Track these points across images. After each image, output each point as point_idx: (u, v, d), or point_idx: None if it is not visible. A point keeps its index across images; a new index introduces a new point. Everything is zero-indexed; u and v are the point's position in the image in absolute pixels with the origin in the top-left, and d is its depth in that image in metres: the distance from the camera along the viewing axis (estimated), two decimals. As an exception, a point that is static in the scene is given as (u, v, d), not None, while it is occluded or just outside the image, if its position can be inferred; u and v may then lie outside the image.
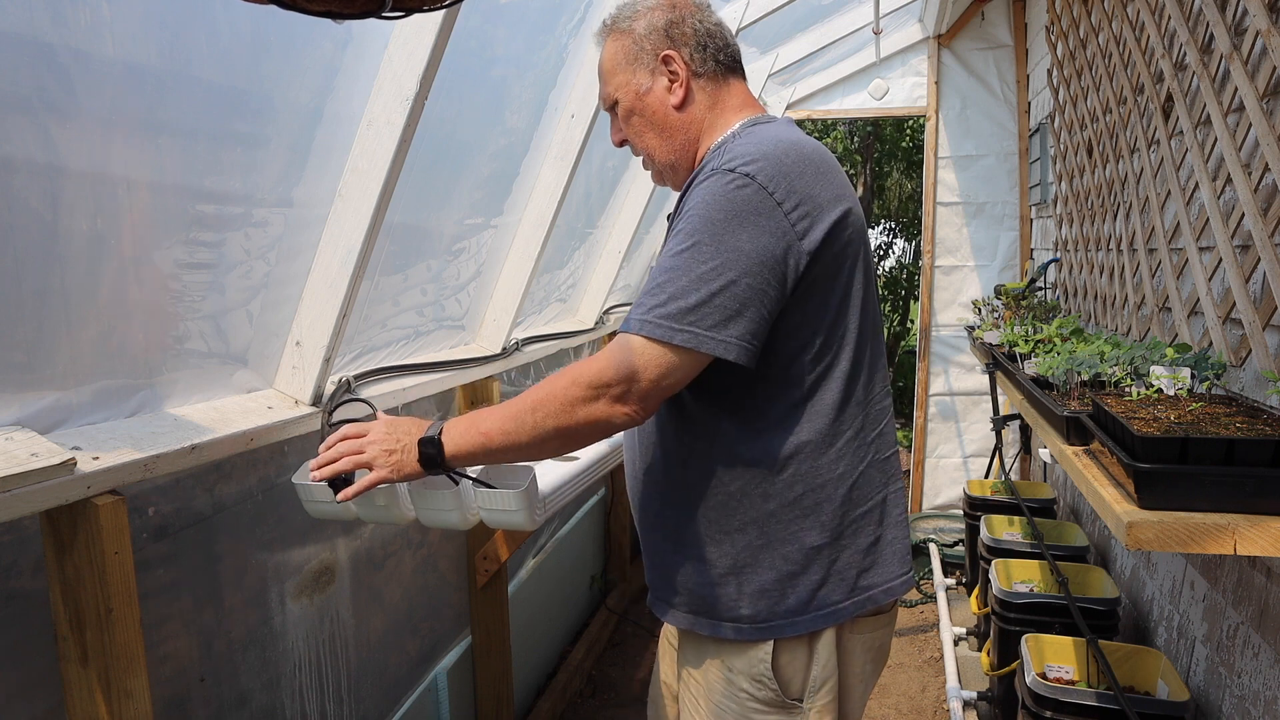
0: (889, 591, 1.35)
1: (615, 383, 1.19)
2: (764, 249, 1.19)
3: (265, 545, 1.71)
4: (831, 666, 1.34)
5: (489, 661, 2.53)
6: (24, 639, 1.21)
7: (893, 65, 4.63)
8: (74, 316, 1.20)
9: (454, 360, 2.27)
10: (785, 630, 1.31)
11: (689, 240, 1.20)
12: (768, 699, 1.33)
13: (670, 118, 1.37)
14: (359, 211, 1.59)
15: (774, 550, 1.30)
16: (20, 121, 1.06)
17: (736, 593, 1.32)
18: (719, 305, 1.17)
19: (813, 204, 1.23)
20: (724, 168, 1.22)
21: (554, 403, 1.22)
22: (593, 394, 1.20)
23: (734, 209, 1.19)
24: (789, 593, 1.30)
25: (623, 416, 1.20)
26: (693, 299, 1.18)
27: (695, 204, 1.23)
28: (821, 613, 1.31)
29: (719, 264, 1.18)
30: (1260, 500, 1.23)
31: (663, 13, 1.36)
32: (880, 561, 1.35)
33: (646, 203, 3.38)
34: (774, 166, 1.22)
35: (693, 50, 1.35)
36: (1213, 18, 1.88)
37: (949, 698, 2.85)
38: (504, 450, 1.27)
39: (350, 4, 0.72)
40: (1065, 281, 3.47)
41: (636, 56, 1.36)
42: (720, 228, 1.19)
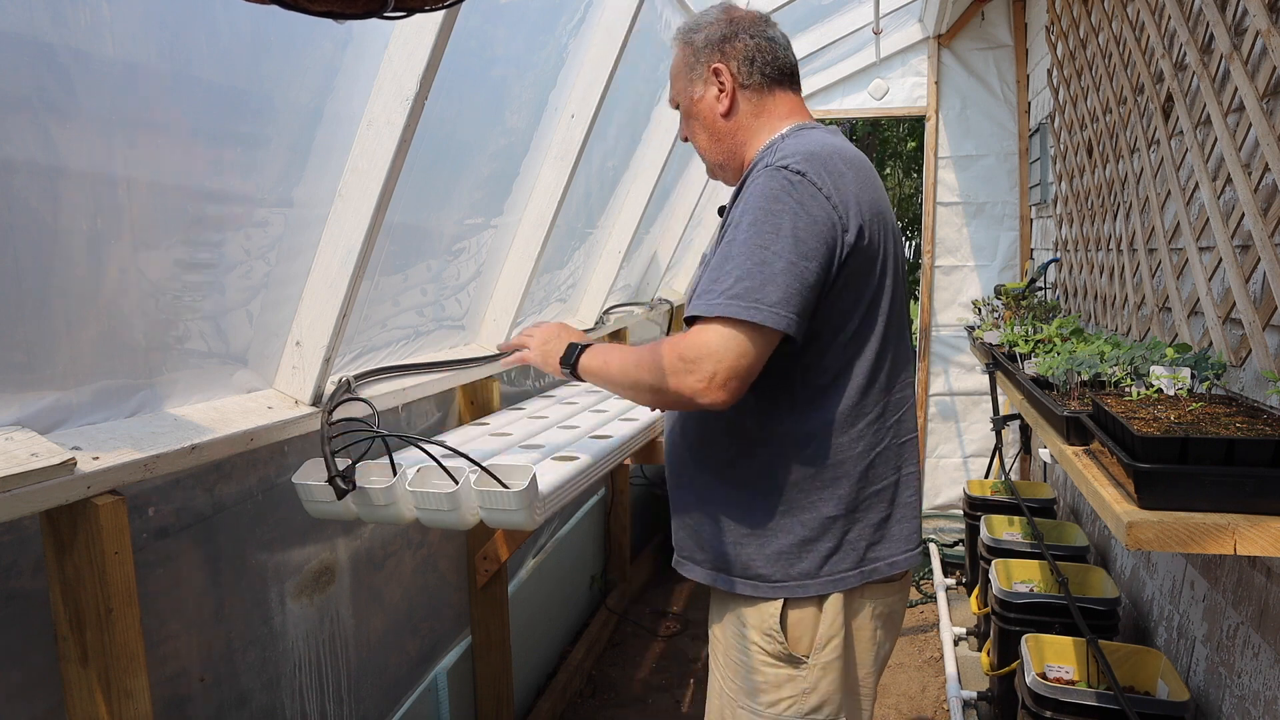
0: (894, 565, 1.48)
1: (700, 362, 1.30)
2: (814, 236, 1.32)
3: (265, 545, 1.71)
4: (837, 627, 1.46)
5: (489, 661, 2.53)
6: (24, 639, 1.22)
7: (893, 65, 4.63)
8: (74, 316, 1.20)
9: (454, 360, 2.27)
10: (795, 591, 1.44)
11: (749, 230, 1.33)
12: (776, 652, 1.47)
13: (718, 124, 1.53)
14: (359, 211, 1.59)
15: (793, 517, 1.44)
16: (20, 121, 1.06)
17: (756, 553, 1.45)
18: (779, 284, 1.29)
19: (853, 201, 1.36)
20: (777, 164, 1.36)
21: (654, 365, 1.36)
22: (681, 367, 1.32)
23: (786, 200, 1.32)
24: (803, 557, 1.44)
25: (708, 399, 1.31)
26: (757, 279, 1.29)
27: (751, 197, 1.36)
28: (831, 578, 1.44)
29: (776, 250, 1.30)
30: (1260, 500, 1.23)
31: (720, 28, 1.51)
32: (889, 537, 1.48)
33: (646, 203, 3.38)
34: (821, 164, 1.35)
35: (740, 64, 1.50)
36: (1213, 18, 1.88)
37: (949, 698, 2.85)
38: (613, 383, 1.48)
39: (352, 4, 0.72)
40: (1065, 281, 3.47)
41: (693, 66, 1.53)
42: (775, 217, 1.32)
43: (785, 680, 1.47)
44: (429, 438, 1.81)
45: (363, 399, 1.78)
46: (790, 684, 1.47)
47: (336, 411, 1.70)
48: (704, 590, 1.61)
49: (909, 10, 4.37)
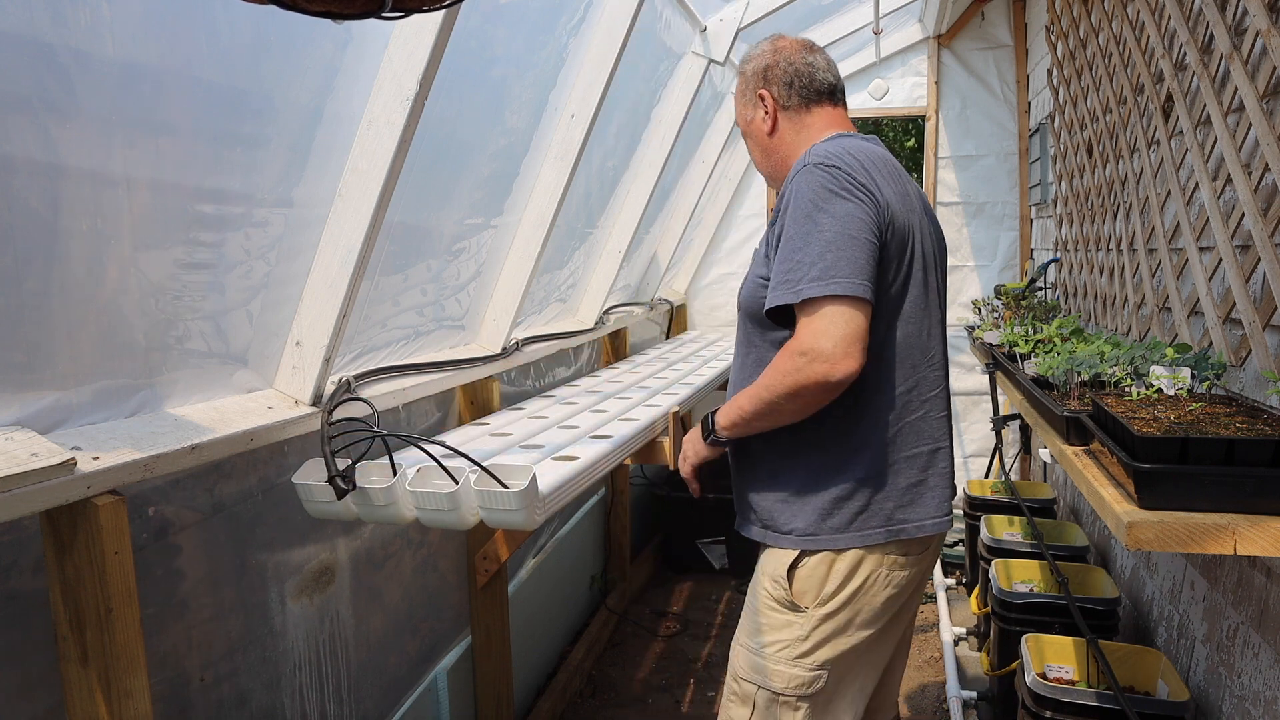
0: (920, 528, 1.63)
1: (814, 346, 1.46)
2: (861, 215, 1.49)
3: (265, 545, 1.71)
4: (842, 584, 1.61)
5: (489, 661, 2.53)
6: (24, 639, 1.22)
7: (893, 65, 4.63)
8: (74, 316, 1.20)
9: (454, 360, 2.27)
10: (822, 544, 1.61)
11: (804, 221, 1.50)
12: (780, 597, 1.64)
13: (766, 141, 1.77)
14: (359, 211, 1.59)
15: (832, 478, 1.61)
16: (20, 121, 1.06)
17: (799, 509, 1.63)
18: (848, 259, 1.46)
19: (880, 191, 1.53)
20: (811, 163, 1.54)
21: (777, 375, 1.52)
22: (802, 362, 1.48)
23: (828, 190, 1.50)
24: (835, 513, 1.61)
25: (839, 372, 1.45)
26: (829, 259, 1.46)
27: (795, 194, 1.53)
28: (860, 534, 1.60)
29: (831, 232, 1.47)
30: (1260, 500, 1.22)
31: (765, 58, 1.74)
32: (918, 501, 1.63)
33: (646, 203, 3.38)
34: (851, 159, 1.54)
35: (780, 88, 1.72)
36: (1213, 18, 1.88)
37: (949, 698, 2.85)
38: (756, 417, 1.60)
39: (350, 4, 0.72)
40: (1065, 281, 3.47)
41: (745, 93, 1.77)
42: (823, 205, 1.49)
43: (783, 625, 1.63)
44: (429, 438, 1.81)
45: (363, 399, 1.78)
46: (787, 629, 1.63)
47: (336, 411, 1.70)
48: (703, 590, 1.69)
49: (909, 10, 4.37)
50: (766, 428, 1.62)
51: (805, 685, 1.62)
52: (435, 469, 1.63)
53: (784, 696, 1.62)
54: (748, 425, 1.63)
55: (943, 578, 3.85)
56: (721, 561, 4.39)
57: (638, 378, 3.06)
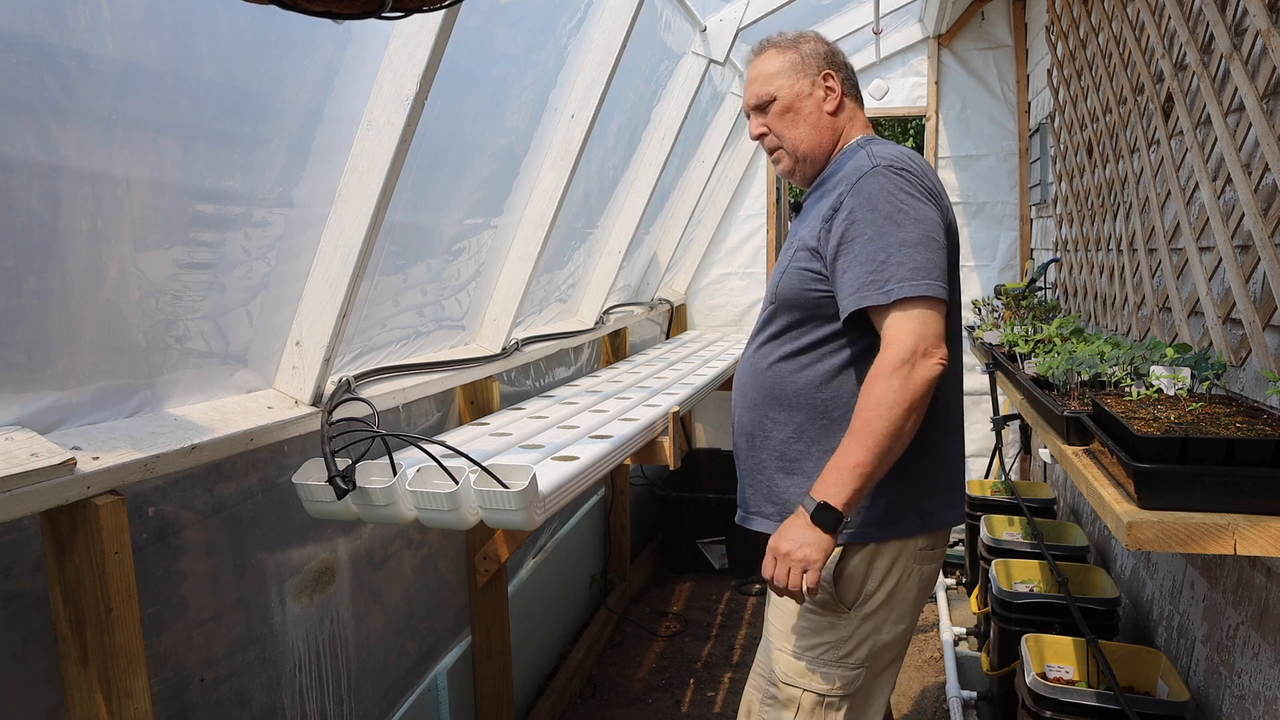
0: (943, 521, 1.67)
1: (914, 350, 1.46)
2: (934, 219, 1.54)
3: (265, 545, 1.71)
4: (881, 581, 1.62)
5: (489, 661, 2.53)
6: (24, 639, 1.21)
7: (893, 65, 4.63)
8: (74, 316, 1.20)
9: (454, 360, 2.27)
10: (858, 537, 1.60)
11: (884, 222, 1.52)
12: (822, 601, 1.63)
13: (824, 119, 1.74)
14: (359, 211, 1.59)
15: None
16: (20, 121, 1.06)
17: None
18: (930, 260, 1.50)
19: (942, 195, 1.62)
20: (883, 166, 1.57)
21: (887, 396, 1.46)
22: (907, 367, 1.46)
23: (905, 193, 1.54)
24: (873, 504, 1.60)
25: (936, 366, 1.47)
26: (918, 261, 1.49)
27: (869, 195, 1.54)
28: (892, 527, 1.61)
29: (915, 233, 1.51)
30: (1260, 500, 1.22)
31: (822, 44, 1.77)
32: (943, 494, 1.66)
33: (646, 203, 3.38)
34: (914, 165, 1.60)
35: (844, 77, 1.76)
36: (1213, 18, 1.88)
37: (949, 698, 2.85)
38: (880, 464, 1.48)
39: (350, 4, 0.72)
40: (1065, 281, 3.47)
41: (802, 69, 1.73)
42: (903, 207, 1.53)
43: (826, 627, 1.63)
44: (429, 437, 1.81)
45: (363, 399, 1.78)
46: (829, 630, 1.63)
47: (336, 411, 1.70)
48: (703, 590, 1.68)
49: (909, 10, 4.37)
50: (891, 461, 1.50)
51: (849, 685, 1.64)
52: (435, 469, 1.63)
53: (829, 698, 1.64)
54: (870, 480, 1.48)
55: (943, 578, 3.85)
56: (721, 561, 4.39)
57: (638, 378, 3.06)
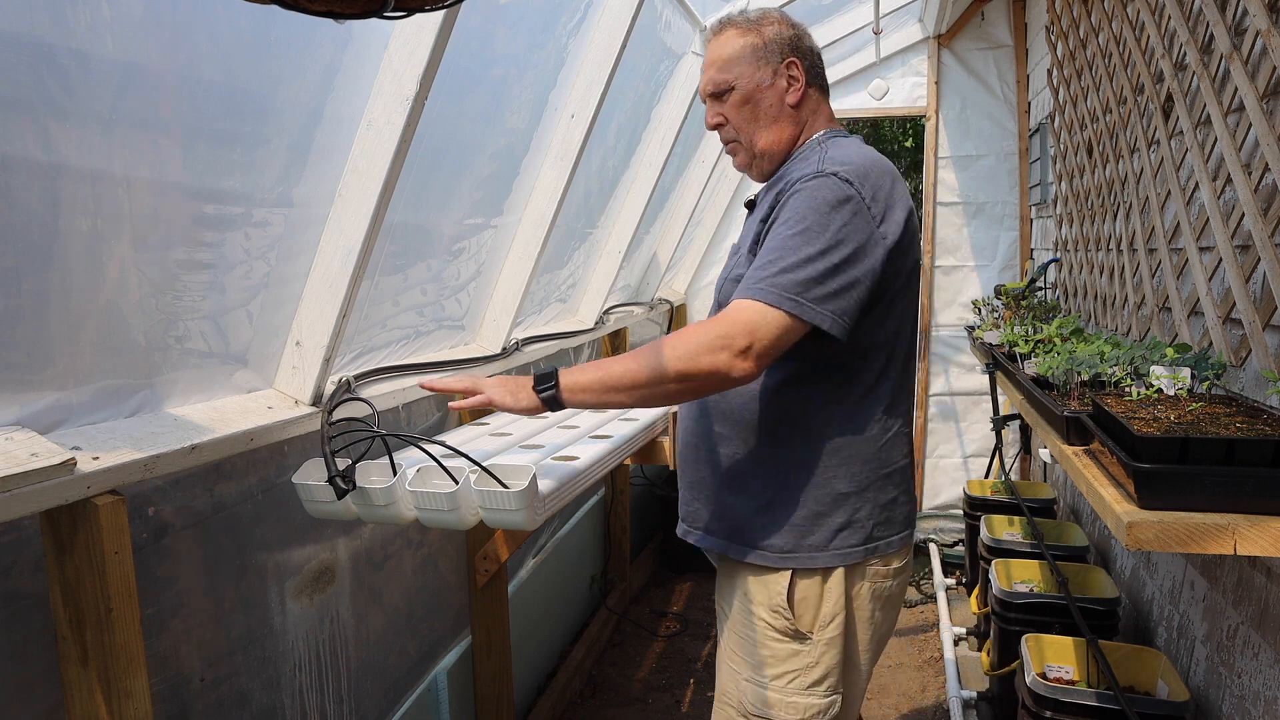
0: (890, 544, 1.57)
1: (739, 338, 1.36)
2: (859, 242, 1.41)
3: (265, 545, 1.71)
4: (840, 604, 1.54)
5: (489, 661, 2.53)
6: (24, 639, 1.21)
7: (893, 65, 4.63)
8: (74, 316, 1.20)
9: (454, 360, 2.27)
10: (804, 562, 1.52)
11: (798, 225, 1.41)
12: (783, 628, 1.55)
13: (785, 112, 1.60)
14: (359, 211, 1.59)
15: (809, 491, 1.52)
16: (20, 121, 1.06)
17: (770, 524, 1.53)
18: (822, 282, 1.38)
19: (888, 207, 1.46)
20: (826, 171, 1.45)
21: (684, 346, 1.38)
22: (720, 344, 1.36)
23: (837, 205, 1.42)
24: (814, 530, 1.52)
25: (740, 371, 1.37)
26: (802, 274, 1.38)
27: (803, 197, 1.44)
28: (838, 552, 1.52)
29: (823, 247, 1.39)
30: (1260, 500, 1.22)
31: (788, 27, 1.60)
32: (892, 517, 1.57)
33: (646, 203, 3.38)
34: (863, 173, 1.45)
35: (810, 65, 1.61)
36: (1213, 18, 1.88)
37: (949, 698, 2.85)
38: (618, 388, 1.43)
39: (351, 4, 0.72)
40: (1065, 281, 3.47)
41: (764, 55, 1.58)
42: (825, 218, 1.41)
43: (790, 655, 1.55)
44: (429, 437, 1.81)
45: (363, 399, 1.78)
46: (794, 658, 1.54)
47: (336, 411, 1.70)
48: (704, 590, 1.65)
49: (909, 10, 4.37)
50: (628, 404, 1.45)
51: (822, 713, 1.56)
52: (435, 469, 1.63)
53: None
54: (607, 394, 1.44)
55: (943, 578, 3.85)
56: (721, 561, 4.39)
57: (638, 378, 3.05)
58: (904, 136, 8.77)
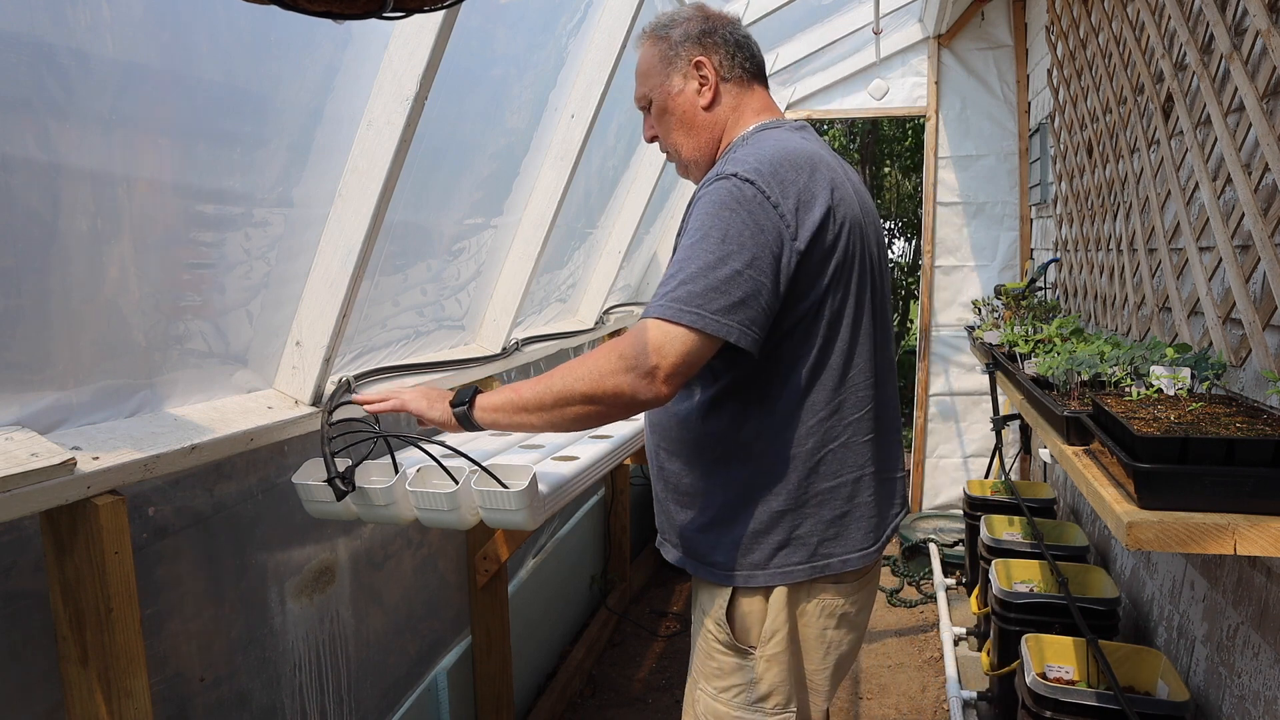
0: (846, 563, 1.47)
1: (644, 358, 1.28)
2: (761, 245, 1.31)
3: (265, 545, 1.71)
4: (780, 621, 1.47)
5: (489, 661, 2.53)
6: (24, 639, 1.22)
7: (893, 65, 4.63)
8: (74, 316, 1.20)
9: (454, 360, 2.27)
10: (745, 580, 1.46)
11: (697, 234, 1.33)
12: (725, 641, 1.49)
13: (699, 117, 1.52)
14: (359, 211, 1.59)
15: (745, 510, 1.45)
16: (20, 121, 1.06)
17: (715, 541, 1.48)
18: (724, 292, 1.29)
19: (802, 203, 1.35)
20: (728, 173, 1.35)
21: (586, 368, 1.33)
22: (623, 365, 1.29)
23: (735, 208, 1.32)
24: (753, 548, 1.45)
25: (649, 393, 1.29)
26: (700, 285, 1.29)
27: (702, 204, 1.36)
28: (780, 570, 1.45)
29: (722, 255, 1.30)
30: (1260, 500, 1.22)
31: (697, 23, 1.51)
32: (844, 535, 1.47)
33: (646, 203, 3.38)
34: (770, 171, 1.34)
35: (722, 58, 1.50)
36: (1213, 18, 1.88)
37: (949, 698, 2.85)
38: (527, 408, 1.39)
39: (351, 4, 0.71)
40: (1065, 281, 3.47)
41: (671, 61, 1.51)
42: (724, 224, 1.31)
43: (734, 669, 1.50)
44: (429, 438, 1.81)
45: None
46: (738, 673, 1.50)
47: (336, 412, 1.70)
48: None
49: (909, 10, 4.37)
50: (537, 427, 1.41)
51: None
52: (435, 469, 1.63)
53: None
54: (516, 415, 1.41)
55: (943, 578, 3.85)
56: (721, 561, 4.38)
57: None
58: (904, 136, 8.77)
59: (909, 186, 9.45)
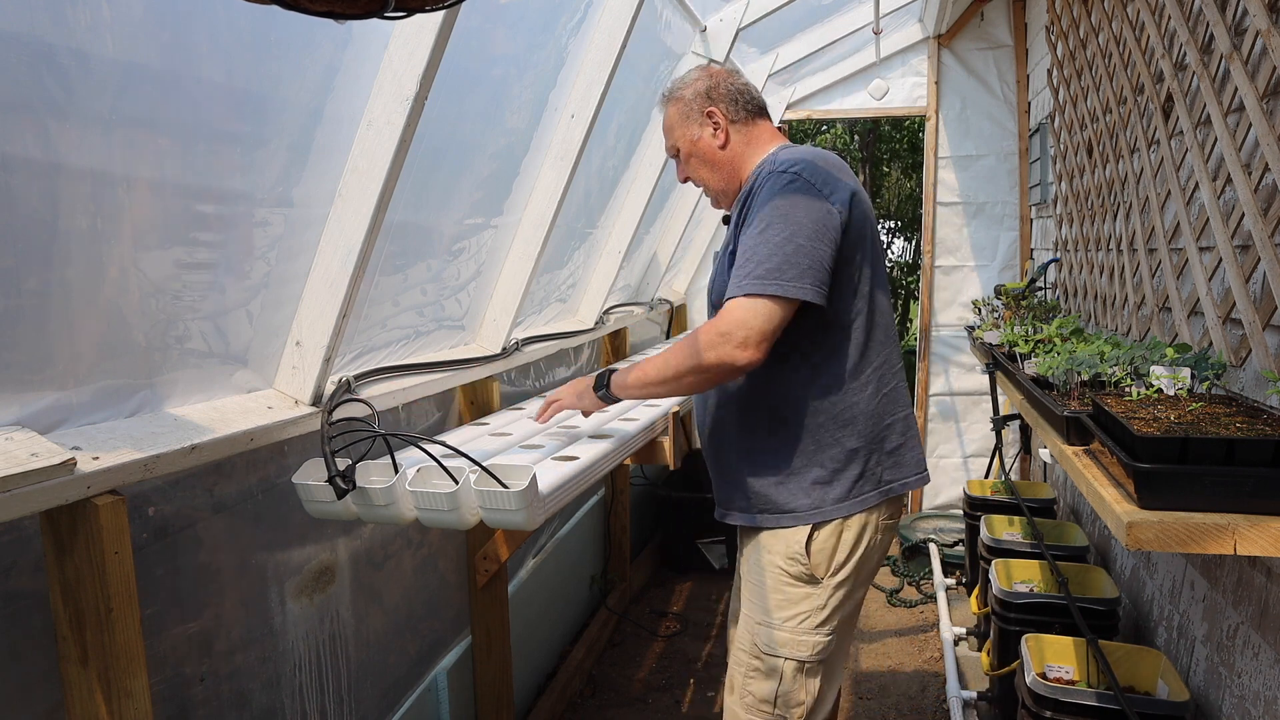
0: (905, 485, 1.80)
1: (733, 332, 1.59)
2: (815, 220, 1.62)
3: (265, 545, 1.71)
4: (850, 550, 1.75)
5: (489, 661, 2.53)
6: (24, 639, 1.22)
7: (893, 65, 4.63)
8: (74, 316, 1.20)
9: (454, 360, 2.27)
10: (830, 514, 1.73)
11: (763, 224, 1.63)
12: (798, 574, 1.75)
13: (718, 155, 1.86)
14: (359, 211, 1.59)
15: (824, 453, 1.73)
16: (20, 121, 1.06)
17: (796, 488, 1.74)
18: (794, 263, 1.59)
19: (838, 188, 1.68)
20: (777, 170, 1.68)
21: (696, 346, 1.63)
22: (719, 340, 1.60)
23: (789, 195, 1.64)
24: (833, 485, 1.73)
25: (744, 359, 1.59)
26: (775, 262, 1.59)
27: (762, 197, 1.67)
28: (858, 499, 1.74)
29: (787, 235, 1.60)
30: (1260, 500, 1.23)
31: (704, 81, 1.86)
32: (901, 463, 1.79)
33: (646, 203, 3.38)
34: (810, 165, 1.68)
35: (727, 105, 1.84)
36: (1213, 18, 1.88)
37: (949, 698, 2.85)
38: (653, 382, 1.74)
39: (352, 4, 0.72)
40: (1065, 281, 3.47)
41: (689, 115, 1.86)
42: (782, 210, 1.63)
43: (803, 597, 1.75)
44: (429, 437, 1.81)
45: (362, 399, 1.78)
46: (806, 600, 1.75)
47: (336, 411, 1.70)
48: (703, 590, 1.73)
49: (909, 10, 4.37)
50: (662, 395, 1.75)
51: (824, 650, 1.76)
52: (435, 469, 1.63)
53: (808, 664, 1.76)
54: (645, 389, 1.76)
55: (943, 578, 3.85)
56: (721, 561, 4.39)
57: (638, 378, 3.05)
58: (903, 137, 8.76)
59: (909, 186, 9.45)
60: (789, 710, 1.78)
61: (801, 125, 8.33)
